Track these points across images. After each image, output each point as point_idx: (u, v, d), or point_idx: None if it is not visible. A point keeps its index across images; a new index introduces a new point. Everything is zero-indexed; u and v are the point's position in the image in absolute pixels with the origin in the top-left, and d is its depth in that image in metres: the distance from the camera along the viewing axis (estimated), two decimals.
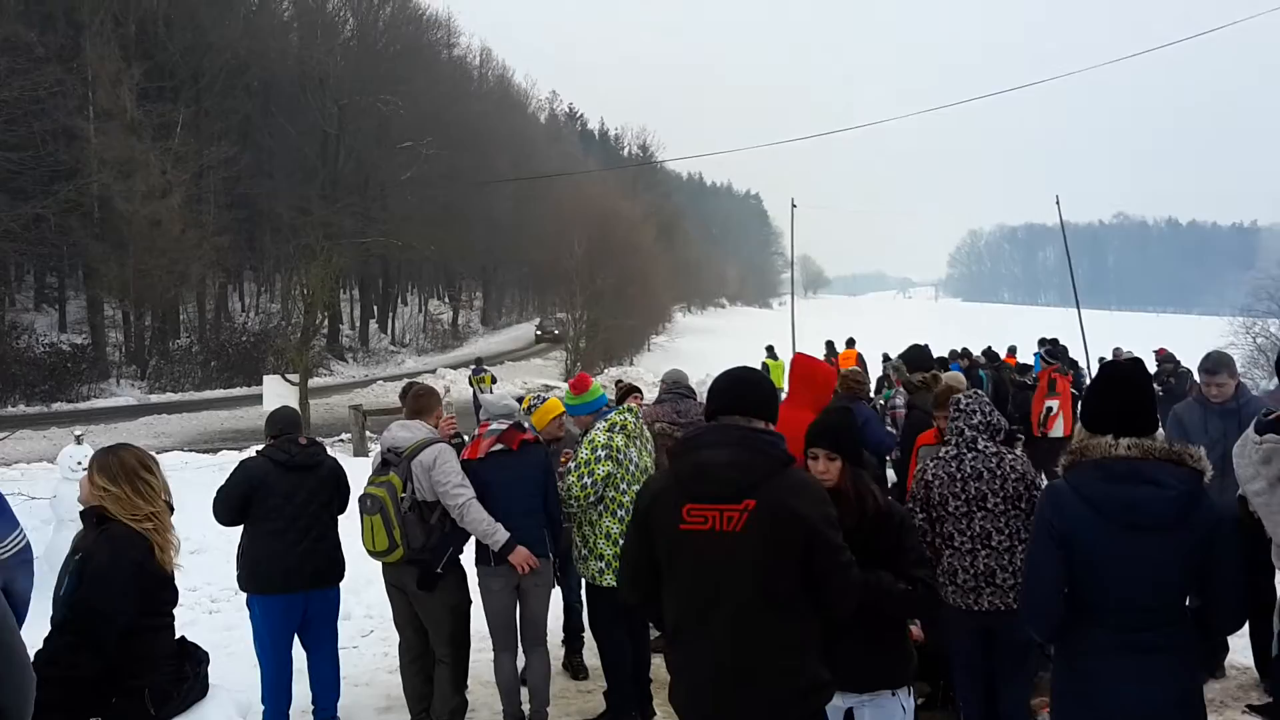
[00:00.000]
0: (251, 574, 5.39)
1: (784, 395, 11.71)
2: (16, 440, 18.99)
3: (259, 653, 5.44)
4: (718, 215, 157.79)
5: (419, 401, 5.52)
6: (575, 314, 45.49)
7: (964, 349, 19.04)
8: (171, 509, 3.74)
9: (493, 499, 5.19)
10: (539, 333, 58.66)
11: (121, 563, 3.47)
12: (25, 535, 4.08)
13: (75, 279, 39.57)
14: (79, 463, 10.15)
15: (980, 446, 4.52)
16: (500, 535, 5.12)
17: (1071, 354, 18.02)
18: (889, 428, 9.19)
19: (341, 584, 5.65)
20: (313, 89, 46.54)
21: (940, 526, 4.53)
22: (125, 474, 3.61)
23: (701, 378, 31.88)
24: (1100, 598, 3.07)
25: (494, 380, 22.68)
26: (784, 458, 3.05)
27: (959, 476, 4.48)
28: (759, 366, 24.52)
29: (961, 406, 4.61)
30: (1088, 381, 18.03)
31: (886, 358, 19.25)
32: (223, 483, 5.41)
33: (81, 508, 3.82)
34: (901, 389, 9.88)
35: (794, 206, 34.28)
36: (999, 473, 4.47)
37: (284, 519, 5.29)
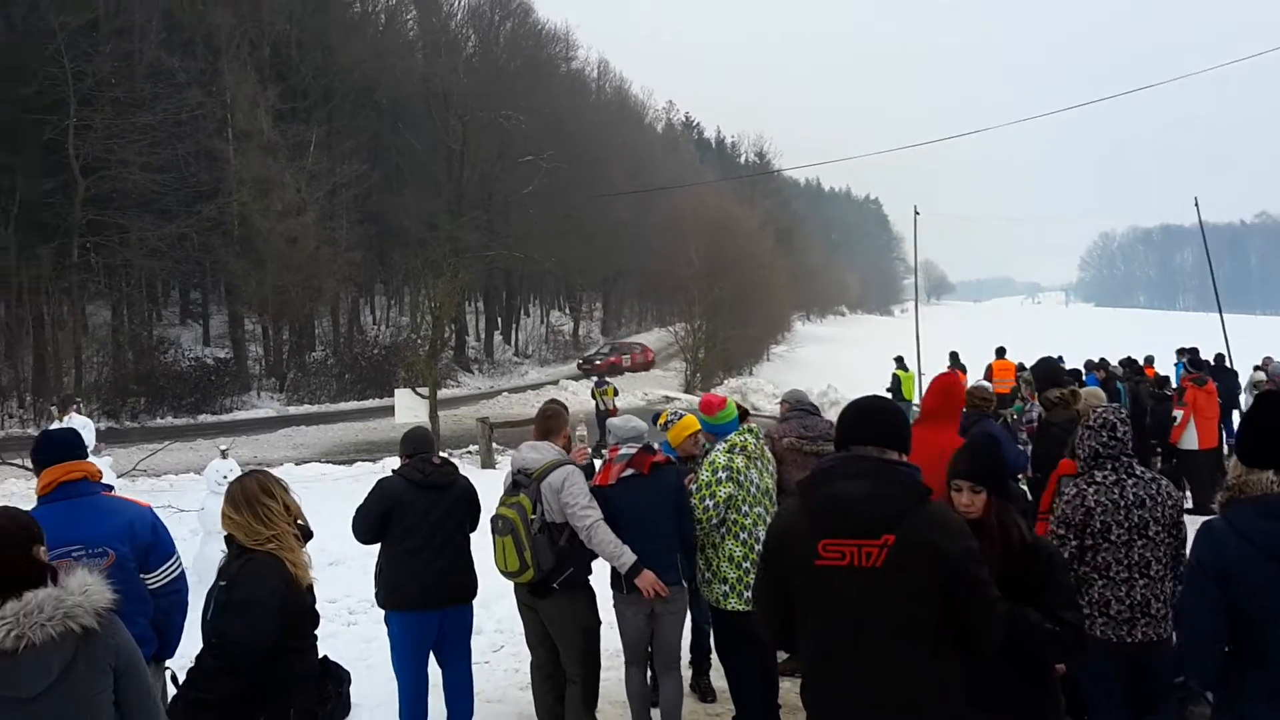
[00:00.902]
0: (389, 592, 5.49)
1: (915, 409, 11.38)
2: (166, 452, 19.93)
3: (397, 668, 5.55)
4: (837, 221, 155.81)
5: (548, 422, 5.52)
6: (693, 324, 45.48)
7: (1100, 359, 18.25)
8: (307, 534, 3.82)
9: (625, 526, 5.16)
10: (581, 363, 51.27)
11: (261, 593, 3.55)
12: (181, 565, 4.26)
13: (217, 295, 41.45)
14: (224, 476, 10.57)
15: (1139, 471, 4.35)
16: (627, 557, 5.11)
17: (1220, 362, 17.14)
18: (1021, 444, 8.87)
19: (477, 601, 5.74)
20: (437, 106, 47.75)
21: (1095, 555, 4.33)
22: (246, 501, 3.70)
23: (824, 388, 31.62)
24: (1264, 640, 2.91)
25: (616, 393, 22.75)
26: (922, 490, 2.97)
27: (1122, 504, 4.29)
28: (888, 378, 24.13)
29: (1094, 424, 4.44)
30: (1243, 396, 17.13)
31: (1022, 367, 18.64)
32: (361, 502, 5.52)
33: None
34: (1036, 403, 9.53)
35: (917, 214, 33.57)
36: (1159, 499, 4.30)
37: (420, 538, 5.38)
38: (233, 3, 36.28)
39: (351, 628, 8.05)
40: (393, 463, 15.42)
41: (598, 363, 47.65)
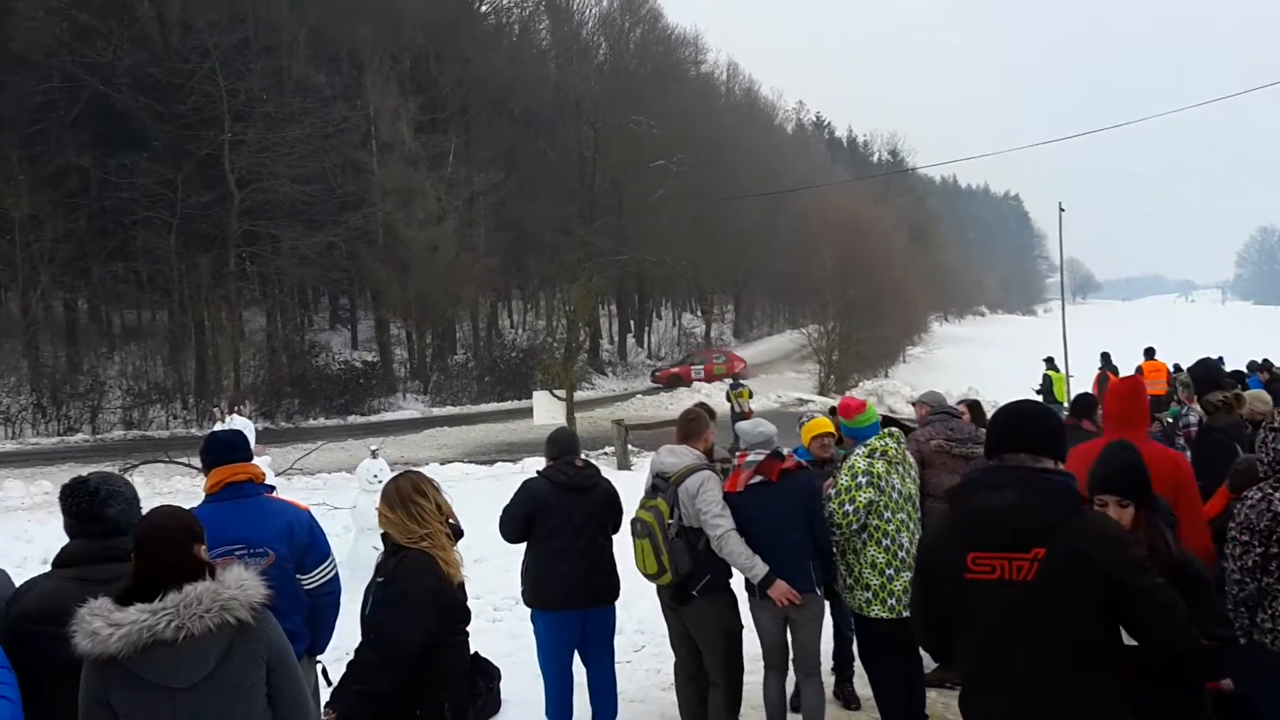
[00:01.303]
0: (535, 591, 5.60)
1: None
2: (319, 451, 20.78)
3: (543, 666, 5.66)
4: (975, 218, 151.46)
5: (689, 426, 5.53)
6: (826, 326, 44.94)
7: (1264, 360, 17.25)
8: (458, 533, 3.90)
9: (754, 534, 5.13)
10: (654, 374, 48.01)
11: (416, 589, 3.63)
12: (335, 566, 4.43)
13: (364, 300, 43.05)
14: (375, 475, 10.97)
15: None
16: (759, 569, 5.08)
17: None
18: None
19: (618, 601, 5.80)
20: (570, 113, 48.46)
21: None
22: (400, 500, 3.79)
23: (964, 390, 30.83)
24: None
25: (751, 395, 22.65)
26: (1075, 499, 2.88)
27: None
28: (1038, 379, 23.37)
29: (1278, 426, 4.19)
30: None
31: (1178, 369, 17.78)
32: (507, 502, 5.64)
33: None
34: (1194, 406, 9.08)
35: (1062, 210, 32.42)
36: None
37: (564, 539, 5.46)
38: (374, 19, 37.62)
39: (497, 624, 8.23)
40: (532, 463, 15.80)
41: (657, 374, 46.18)
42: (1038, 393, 21.65)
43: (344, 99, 35.65)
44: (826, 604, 5.61)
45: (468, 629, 3.92)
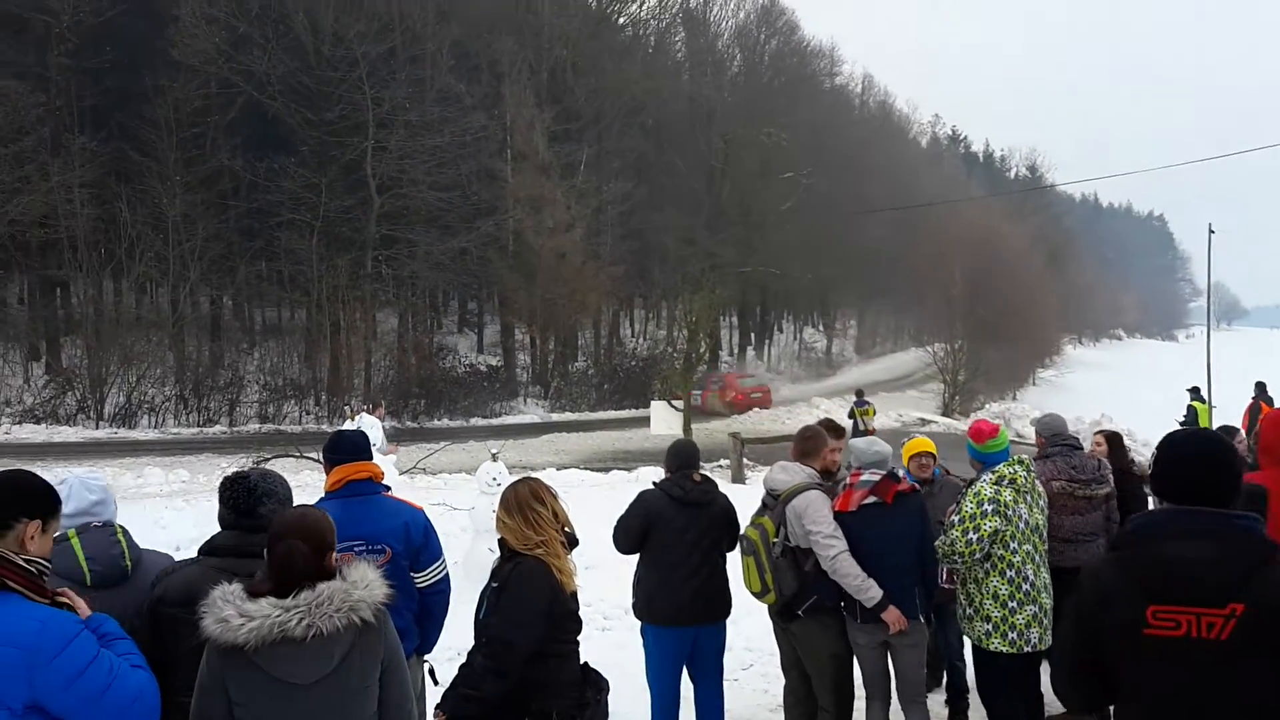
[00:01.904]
0: (646, 604, 5.59)
1: None
2: (441, 452, 21.31)
3: (650, 680, 5.65)
4: (1114, 238, 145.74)
5: (806, 444, 5.45)
6: (953, 345, 43.94)
7: None
8: (573, 541, 3.91)
9: (865, 555, 5.04)
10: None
11: (530, 596, 3.67)
12: (446, 566, 4.55)
13: (491, 305, 44.01)
14: (494, 479, 11.19)
15: None
16: (873, 592, 4.99)
17: None
18: None
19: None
20: (701, 124, 48.66)
21: None
22: (519, 506, 3.80)
23: (1096, 418, 29.71)
24: None
25: (874, 413, 22.30)
26: (1269, 545, 2.61)
27: None
28: (1182, 410, 22.38)
29: None
30: None
31: None
32: (622, 513, 5.62)
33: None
34: None
35: (1211, 232, 31.00)
36: None
37: (677, 554, 5.42)
38: (516, 30, 38.54)
39: (606, 633, 8.27)
40: (648, 472, 15.89)
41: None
42: (1182, 424, 20.73)
43: (483, 108, 36.59)
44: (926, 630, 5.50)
45: (578, 638, 3.94)
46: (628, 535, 5.55)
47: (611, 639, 7.97)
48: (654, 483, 5.79)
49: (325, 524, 2.99)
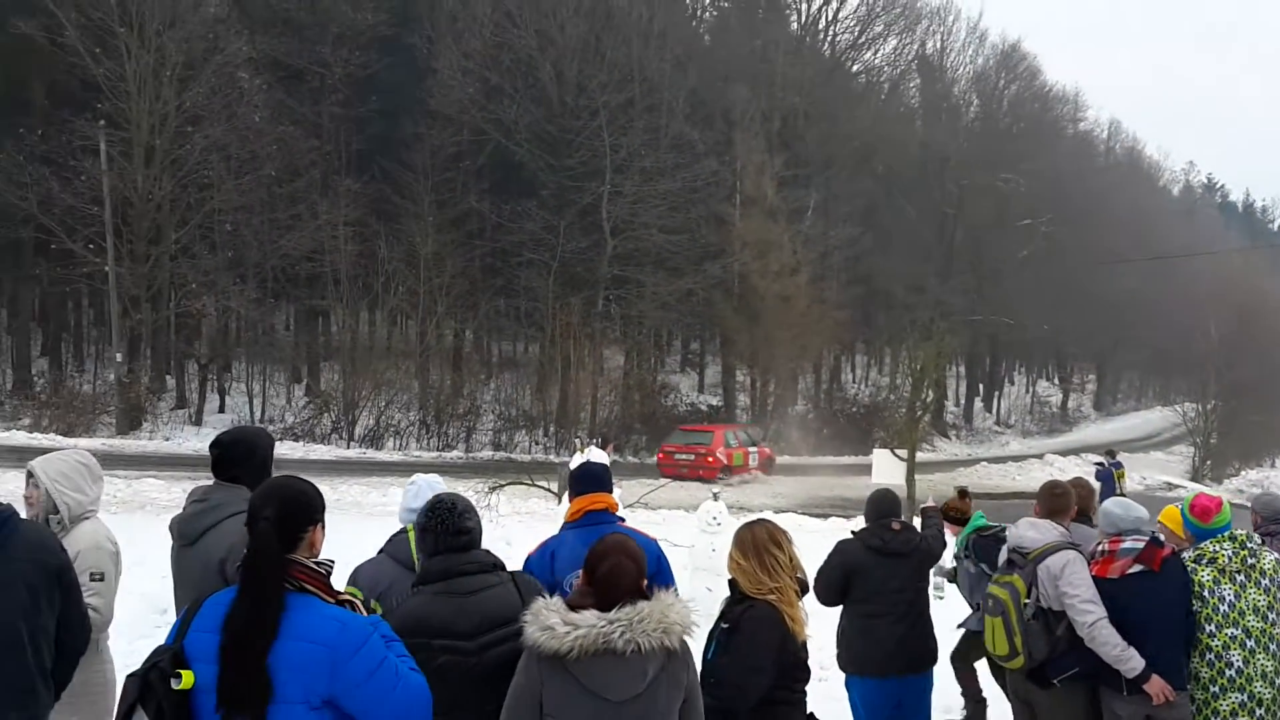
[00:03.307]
0: (849, 655, 5.58)
1: None
2: (662, 489, 21.81)
3: None
4: None
5: (1055, 501, 5.27)
6: (1206, 405, 41.05)
7: None
8: (804, 587, 3.93)
9: (1129, 624, 4.80)
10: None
11: (760, 642, 3.64)
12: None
13: (714, 346, 44.60)
14: (714, 518, 11.45)
15: None
16: (1135, 663, 4.73)
17: None
18: None
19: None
20: (934, 171, 47.79)
21: None
22: (755, 549, 3.75)
23: None
24: None
25: (1124, 475, 21.14)
26: None
27: None
28: None
29: None
30: None
31: None
32: (822, 565, 5.59)
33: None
34: None
35: None
36: None
37: (879, 605, 5.39)
38: (750, 79, 39.27)
39: (822, 683, 8.31)
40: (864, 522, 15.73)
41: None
42: None
43: (714, 154, 37.41)
44: None
45: (806, 687, 3.90)
46: (828, 588, 5.53)
47: (824, 690, 8.00)
48: (852, 532, 5.79)
49: (640, 549, 3.11)
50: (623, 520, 4.67)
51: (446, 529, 3.35)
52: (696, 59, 39.33)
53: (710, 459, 27.25)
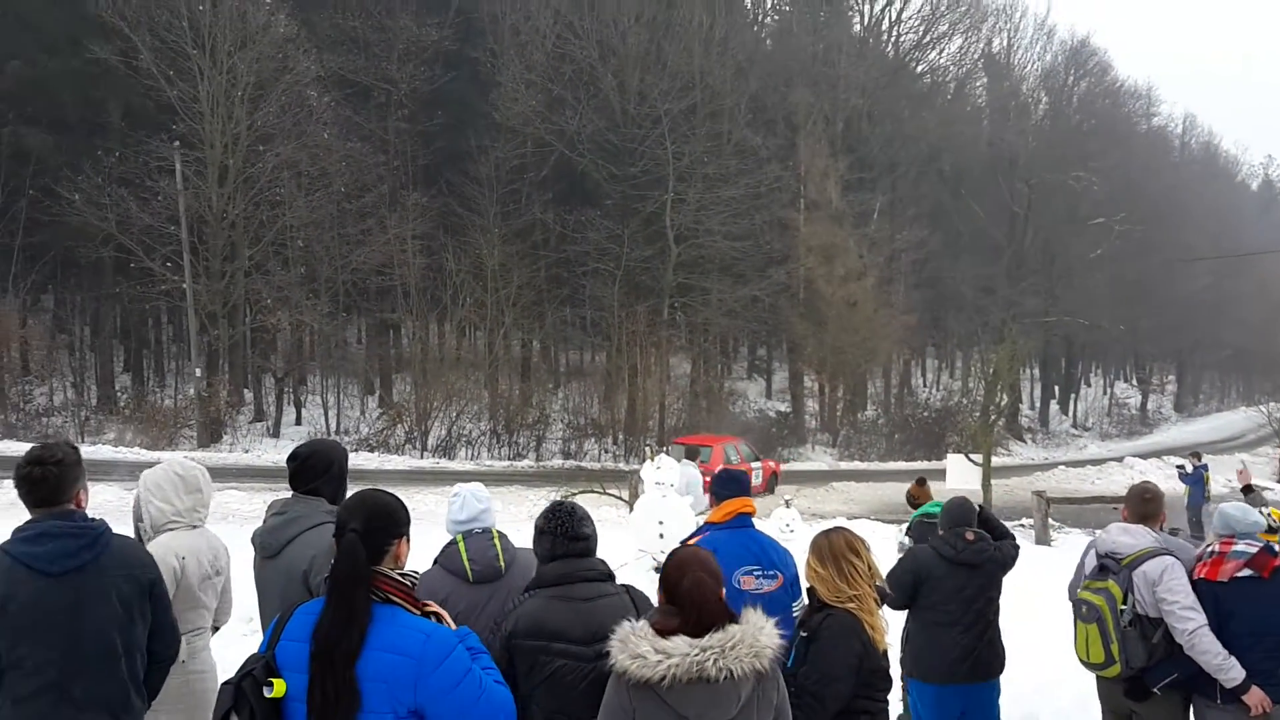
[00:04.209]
0: (914, 660, 5.54)
1: None
2: None
3: None
4: None
5: (1146, 505, 5.15)
6: None
7: None
8: (884, 596, 3.86)
9: (1230, 631, 4.69)
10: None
11: (839, 649, 3.62)
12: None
13: (780, 352, 44.37)
14: (787, 524, 11.35)
15: None
16: (1235, 672, 4.62)
17: None
18: None
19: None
20: (1003, 170, 47.07)
21: None
22: (833, 556, 3.72)
23: None
24: None
25: (1210, 478, 20.57)
26: None
27: None
28: None
29: None
30: None
31: None
32: (893, 566, 5.59)
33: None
34: None
35: None
36: None
37: (948, 613, 5.35)
38: (812, 83, 39.06)
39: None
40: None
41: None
42: None
43: (777, 159, 37.24)
44: None
45: (888, 696, 3.87)
46: (898, 591, 5.45)
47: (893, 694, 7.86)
48: (928, 539, 5.77)
49: (712, 557, 3.07)
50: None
51: (565, 534, 3.38)
52: (758, 64, 39.19)
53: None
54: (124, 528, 4.12)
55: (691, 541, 4.44)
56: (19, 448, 21.16)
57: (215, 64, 29.26)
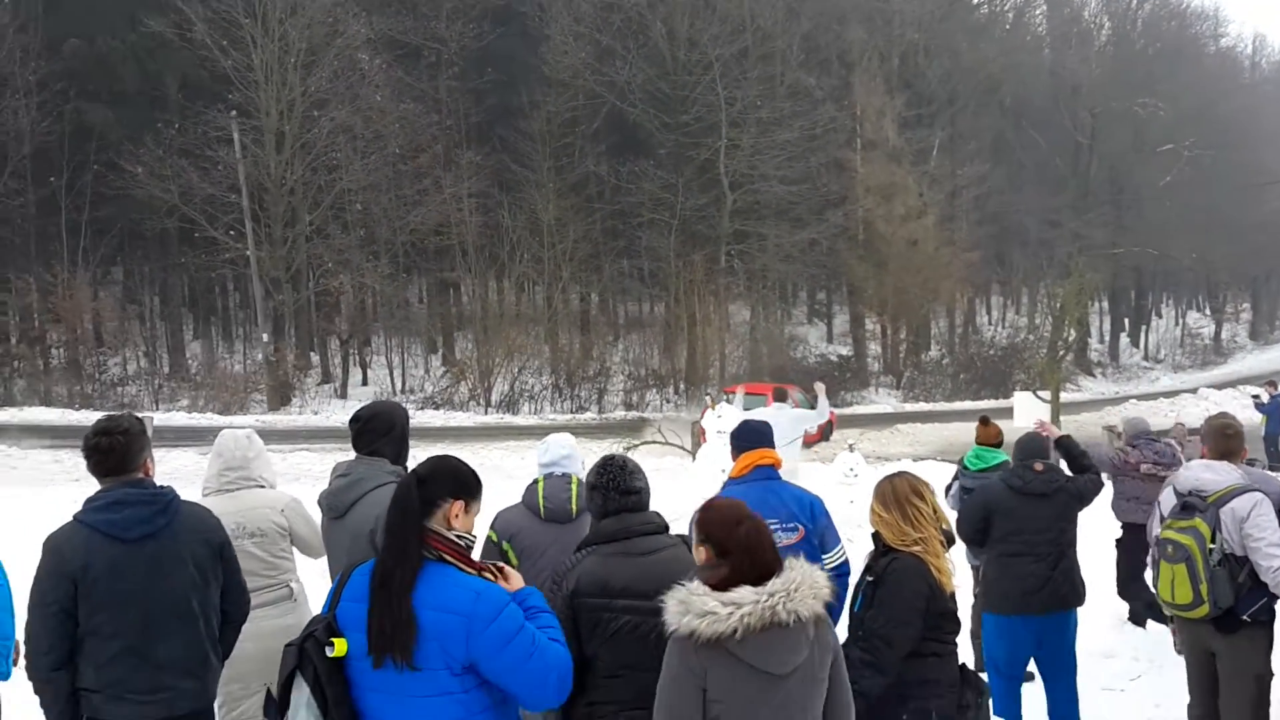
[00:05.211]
0: (988, 593, 5.57)
1: None
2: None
3: (989, 669, 5.51)
4: None
5: (1228, 442, 4.99)
6: None
7: None
8: (950, 539, 3.83)
9: None
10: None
11: (905, 593, 3.61)
12: (845, 552, 4.71)
13: (840, 295, 43.96)
14: (851, 469, 11.38)
15: None
16: None
17: None
18: None
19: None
20: (1065, 99, 45.81)
21: None
22: (896, 500, 3.71)
23: None
24: None
25: None
26: None
27: None
28: None
29: None
30: None
31: None
32: (964, 504, 5.71)
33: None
34: None
35: None
36: None
37: (1019, 544, 5.33)
38: (866, 19, 38.24)
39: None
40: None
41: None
42: None
43: (832, 100, 36.68)
44: None
45: (956, 639, 3.84)
46: (969, 525, 5.52)
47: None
48: (998, 474, 5.81)
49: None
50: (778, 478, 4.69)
51: (616, 487, 3.35)
52: (810, 3, 38.33)
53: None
54: (198, 493, 4.26)
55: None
56: (96, 417, 21.76)
57: (267, 32, 29.47)
